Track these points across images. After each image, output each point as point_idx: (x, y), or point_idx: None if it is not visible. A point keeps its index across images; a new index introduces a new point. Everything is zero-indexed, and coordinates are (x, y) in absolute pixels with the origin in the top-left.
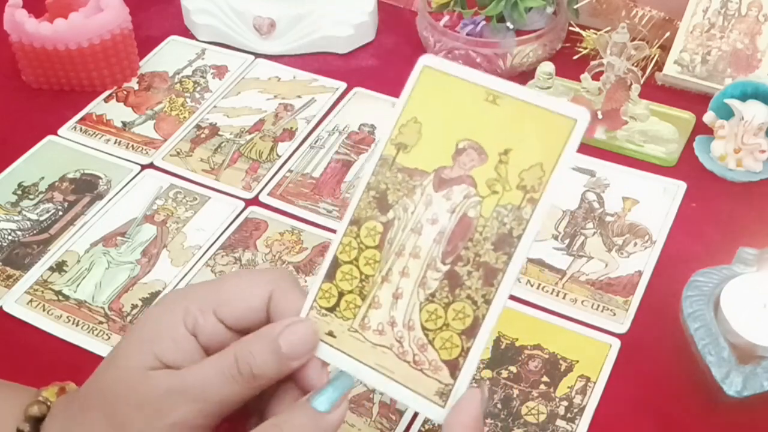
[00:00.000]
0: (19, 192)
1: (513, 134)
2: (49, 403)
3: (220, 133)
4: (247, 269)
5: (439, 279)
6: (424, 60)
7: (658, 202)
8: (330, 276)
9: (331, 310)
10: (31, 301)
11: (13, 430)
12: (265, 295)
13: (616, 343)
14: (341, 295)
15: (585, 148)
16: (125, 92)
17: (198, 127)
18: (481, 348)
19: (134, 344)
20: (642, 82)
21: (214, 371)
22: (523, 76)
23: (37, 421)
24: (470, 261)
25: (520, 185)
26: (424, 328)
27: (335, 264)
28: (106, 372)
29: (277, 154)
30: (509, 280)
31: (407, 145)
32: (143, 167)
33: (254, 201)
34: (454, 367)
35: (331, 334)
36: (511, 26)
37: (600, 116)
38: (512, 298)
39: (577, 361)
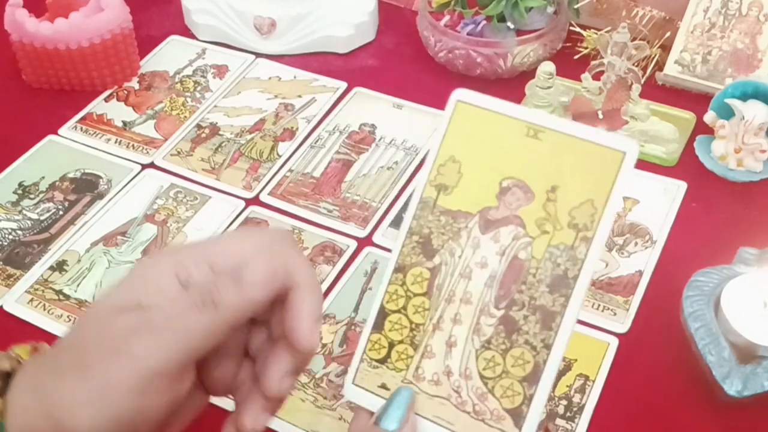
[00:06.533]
0: (20, 191)
1: (559, 170)
2: (21, 360)
3: (220, 132)
4: (245, 227)
5: (494, 325)
6: (458, 95)
7: (659, 201)
8: (378, 326)
9: (382, 361)
10: (31, 300)
11: None
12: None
13: (615, 342)
14: (391, 345)
15: None
16: (126, 92)
17: (198, 126)
18: (545, 395)
19: (116, 290)
20: (642, 81)
21: (177, 302)
22: (524, 75)
23: (7, 376)
24: (525, 305)
25: (571, 224)
26: (482, 377)
27: (382, 314)
28: (81, 318)
29: (278, 154)
30: (568, 322)
31: (447, 186)
32: (144, 167)
33: (255, 201)
34: (517, 415)
35: (383, 386)
36: (512, 26)
37: (600, 116)
38: None
39: (576, 360)
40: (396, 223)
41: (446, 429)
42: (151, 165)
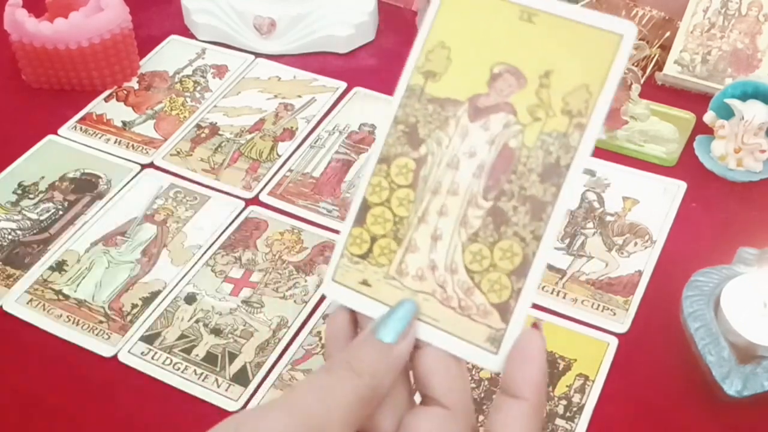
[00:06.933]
0: (20, 191)
1: (553, 55)
2: None
3: (220, 132)
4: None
5: (481, 217)
6: None
7: (659, 201)
8: (360, 220)
9: (364, 257)
10: (31, 300)
11: None
12: None
13: (614, 342)
14: (374, 240)
15: None
16: (125, 92)
17: (198, 126)
18: (533, 288)
19: None
20: (642, 81)
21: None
22: None
23: None
24: (515, 195)
25: (564, 110)
26: (468, 271)
27: (365, 207)
28: None
29: (278, 154)
30: (559, 213)
31: (436, 72)
32: (143, 167)
33: (254, 200)
34: (504, 310)
35: (365, 282)
36: None
37: None
38: None
39: (575, 360)
40: None
41: (430, 326)
42: (151, 165)
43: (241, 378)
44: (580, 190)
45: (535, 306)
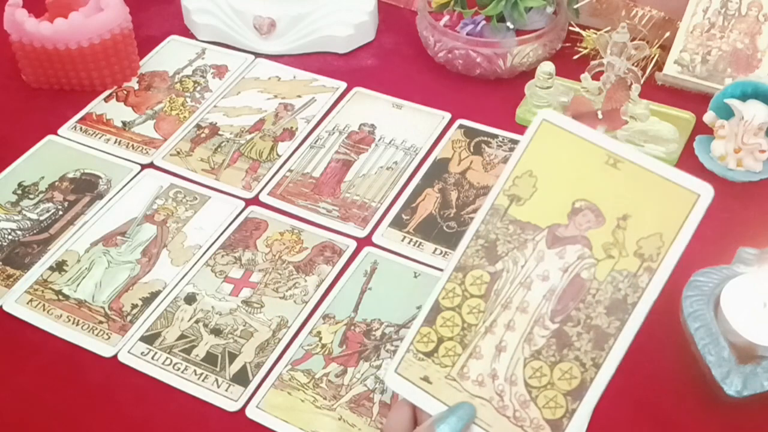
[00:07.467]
0: (19, 192)
1: (632, 201)
2: None
3: (220, 132)
4: None
5: (546, 337)
6: (544, 114)
7: None
8: (430, 320)
9: (429, 355)
10: (31, 300)
11: None
12: None
13: None
14: (441, 341)
15: None
16: (125, 92)
17: (198, 126)
18: (587, 412)
19: None
20: (642, 82)
21: None
22: (523, 76)
23: None
24: (581, 322)
25: (637, 252)
26: (527, 385)
27: (436, 309)
28: None
29: (277, 154)
30: (621, 346)
31: (521, 197)
32: (143, 167)
33: (254, 201)
34: (557, 427)
35: (426, 379)
36: (511, 26)
37: (600, 116)
38: None
39: None
40: (396, 223)
41: (484, 430)
42: (151, 165)
43: (241, 378)
44: None
45: None
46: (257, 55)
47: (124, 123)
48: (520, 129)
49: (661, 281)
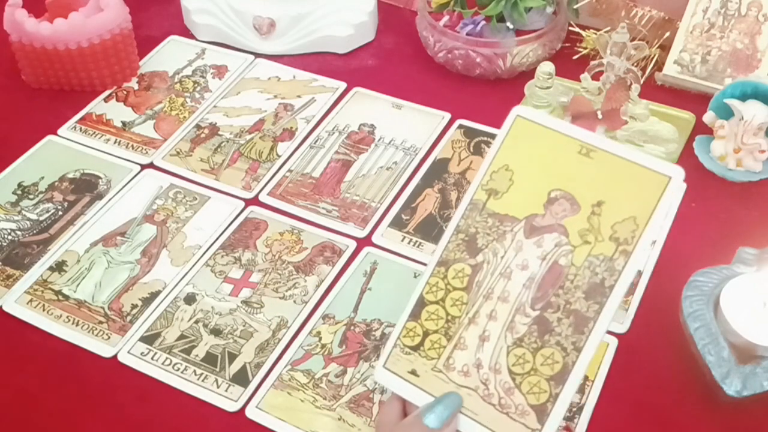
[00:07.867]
0: (19, 192)
1: (606, 187)
2: None
3: (220, 132)
4: None
5: (528, 324)
6: (517, 110)
7: None
8: (415, 315)
9: (415, 348)
10: (31, 300)
11: None
12: None
13: (614, 342)
14: (426, 334)
15: None
16: (125, 92)
17: (198, 126)
18: (570, 394)
19: None
20: (642, 82)
21: None
22: (523, 76)
23: None
24: (560, 308)
25: (612, 237)
26: (511, 372)
27: (421, 303)
28: None
29: (277, 154)
30: (600, 328)
31: (498, 191)
32: (143, 167)
33: (254, 201)
34: (542, 412)
35: (413, 372)
36: (511, 26)
37: (600, 116)
38: None
39: None
40: (395, 223)
41: (470, 419)
42: (151, 165)
43: (241, 378)
44: None
45: None
46: (257, 55)
47: (123, 123)
48: None
49: (636, 263)
